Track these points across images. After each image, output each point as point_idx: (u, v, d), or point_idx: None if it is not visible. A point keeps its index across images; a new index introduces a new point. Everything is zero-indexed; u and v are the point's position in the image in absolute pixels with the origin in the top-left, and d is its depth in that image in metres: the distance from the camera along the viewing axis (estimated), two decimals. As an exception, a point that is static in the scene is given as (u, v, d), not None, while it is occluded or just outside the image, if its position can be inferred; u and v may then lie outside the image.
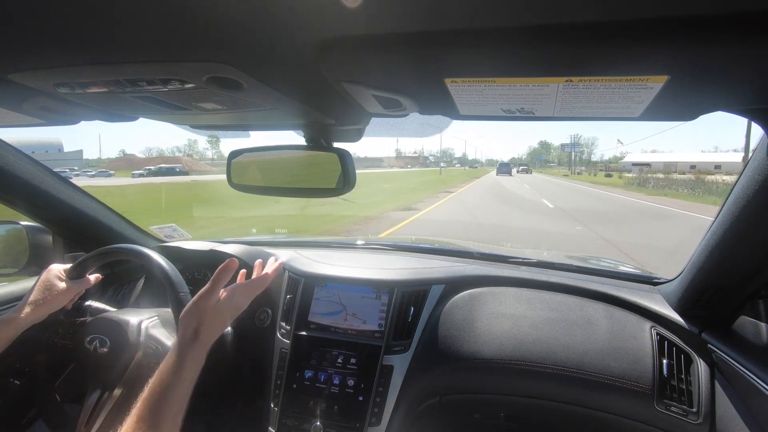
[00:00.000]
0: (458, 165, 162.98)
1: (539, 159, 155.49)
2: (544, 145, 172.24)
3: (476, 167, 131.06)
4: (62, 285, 0.93)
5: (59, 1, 0.36)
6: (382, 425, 1.07)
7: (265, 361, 1.21)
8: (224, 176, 0.91)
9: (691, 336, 0.98)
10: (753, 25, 0.33)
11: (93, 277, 1.01)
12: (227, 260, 0.83)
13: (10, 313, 0.87)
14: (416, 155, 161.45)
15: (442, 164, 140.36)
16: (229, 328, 1.18)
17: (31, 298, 0.89)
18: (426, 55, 0.41)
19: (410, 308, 1.17)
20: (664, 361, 0.96)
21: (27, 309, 0.87)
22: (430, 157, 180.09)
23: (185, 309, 0.77)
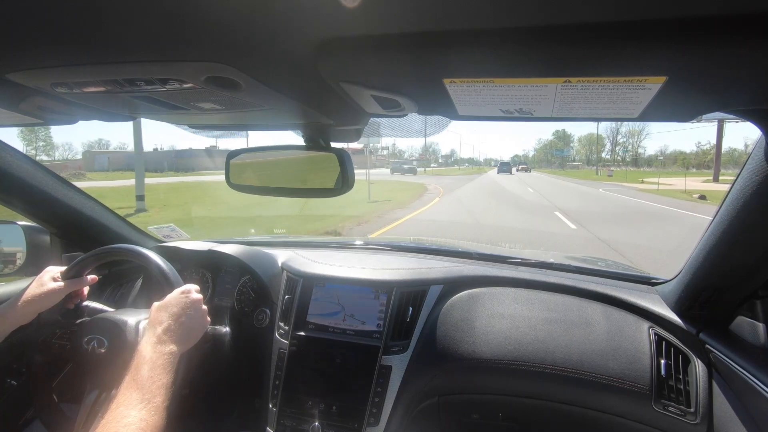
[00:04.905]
0: (452, 162, 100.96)
1: (559, 154, 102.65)
2: (562, 137, 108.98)
3: (407, 170, 36.88)
4: (54, 285, 0.93)
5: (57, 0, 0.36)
6: (380, 425, 1.06)
7: (263, 361, 1.21)
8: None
9: (689, 336, 0.98)
10: (751, 26, 0.33)
11: (89, 278, 1.00)
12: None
13: None
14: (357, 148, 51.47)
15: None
16: (227, 329, 1.18)
17: (22, 297, 0.89)
18: (425, 55, 0.42)
19: (409, 308, 1.17)
20: (662, 362, 0.97)
21: (15, 306, 0.87)
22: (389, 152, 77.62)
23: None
